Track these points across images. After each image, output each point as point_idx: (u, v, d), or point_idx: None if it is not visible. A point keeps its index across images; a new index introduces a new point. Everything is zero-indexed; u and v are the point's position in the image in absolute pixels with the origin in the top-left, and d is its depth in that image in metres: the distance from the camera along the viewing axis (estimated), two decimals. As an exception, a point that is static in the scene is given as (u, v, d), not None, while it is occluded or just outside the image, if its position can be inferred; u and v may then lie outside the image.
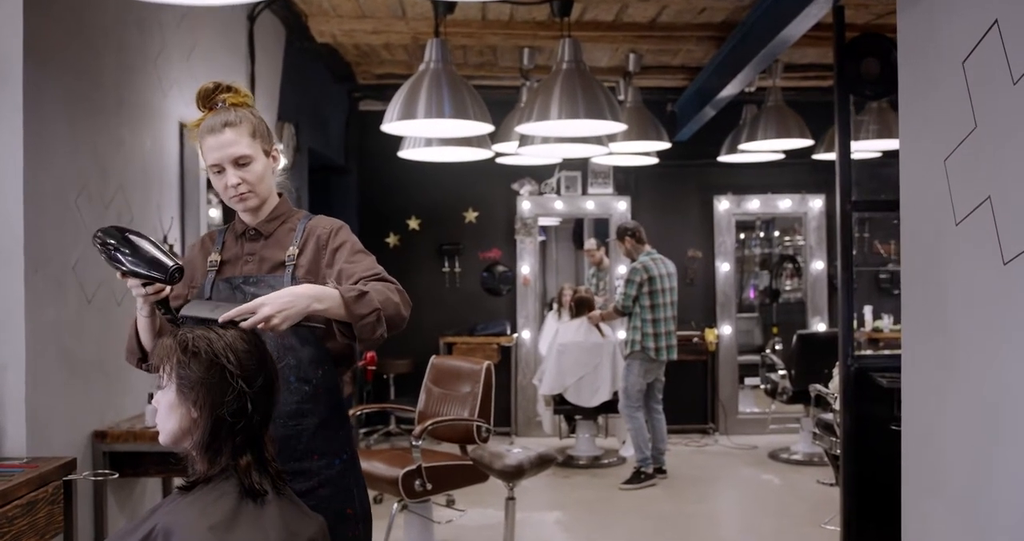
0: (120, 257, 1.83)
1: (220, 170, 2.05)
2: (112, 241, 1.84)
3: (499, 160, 6.34)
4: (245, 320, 1.74)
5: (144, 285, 1.88)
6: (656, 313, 6.07)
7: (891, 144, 5.85)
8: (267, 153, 2.10)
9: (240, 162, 2.04)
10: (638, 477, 5.98)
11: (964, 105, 2.10)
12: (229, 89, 2.09)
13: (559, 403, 6.60)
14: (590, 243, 7.80)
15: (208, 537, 1.57)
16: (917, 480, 2.49)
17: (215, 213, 4.60)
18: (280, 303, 1.76)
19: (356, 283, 1.95)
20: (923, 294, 2.42)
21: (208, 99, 2.08)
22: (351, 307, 1.83)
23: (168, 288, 1.91)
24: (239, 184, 2.04)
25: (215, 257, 2.14)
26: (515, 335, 7.64)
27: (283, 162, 2.19)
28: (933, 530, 2.36)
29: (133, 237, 1.85)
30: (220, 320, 1.73)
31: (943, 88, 2.22)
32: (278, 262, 2.09)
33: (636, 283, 6.08)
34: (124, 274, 1.86)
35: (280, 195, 2.18)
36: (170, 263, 1.83)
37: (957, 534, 2.19)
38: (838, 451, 3.94)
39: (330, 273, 2.05)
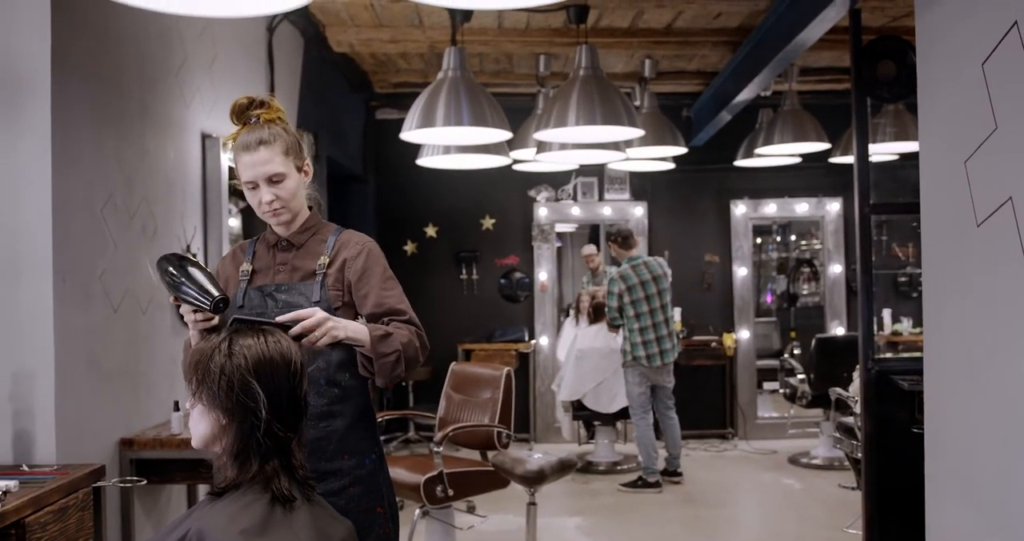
0: (173, 282, 1.93)
1: (255, 186, 2.12)
2: (169, 268, 1.94)
3: (516, 167, 6.36)
4: (294, 325, 1.83)
5: (194, 312, 1.96)
6: (642, 321, 6.02)
7: (908, 146, 5.85)
8: (299, 169, 2.17)
9: (274, 180, 2.10)
10: (635, 483, 5.99)
11: (984, 106, 2.10)
12: (263, 104, 2.15)
13: (578, 409, 6.60)
14: (589, 248, 7.69)
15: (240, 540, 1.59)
16: (940, 482, 2.48)
17: (235, 222, 4.65)
18: (332, 319, 1.89)
19: (386, 315, 2.09)
20: (945, 295, 2.42)
21: (242, 115, 2.14)
22: (376, 345, 1.98)
23: (216, 318, 1.97)
24: (273, 201, 2.11)
25: (247, 267, 2.20)
26: (533, 341, 7.65)
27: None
28: (957, 533, 2.36)
29: (189, 267, 1.94)
30: (278, 319, 1.82)
31: (963, 89, 2.23)
32: (309, 271, 2.15)
33: (615, 294, 6.08)
34: (176, 299, 1.95)
35: (310, 208, 2.24)
36: (216, 293, 1.91)
37: (981, 536, 2.19)
38: (859, 455, 3.93)
39: (359, 289, 2.12)
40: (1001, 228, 2.04)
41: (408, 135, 4.19)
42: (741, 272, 7.78)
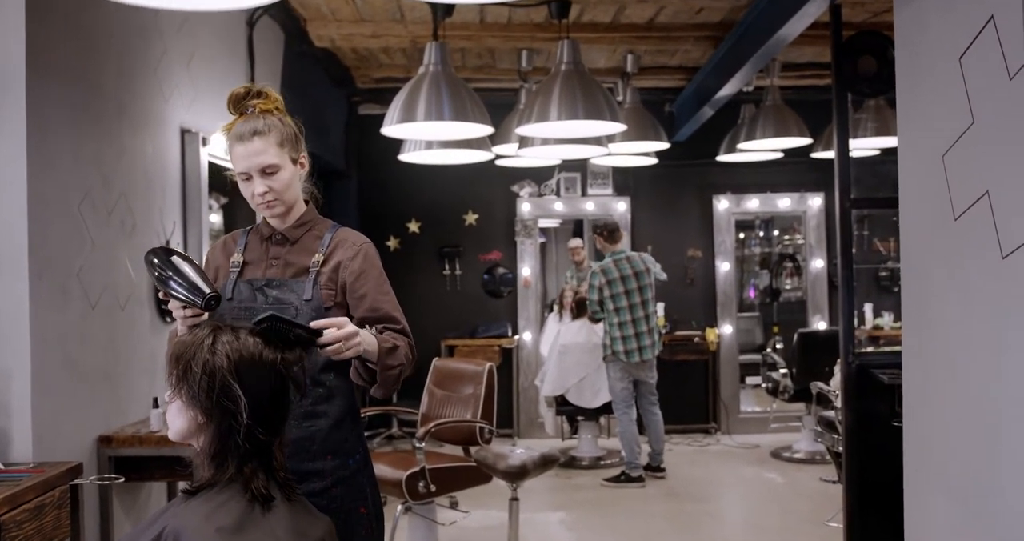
0: (162, 278, 1.90)
1: (248, 178, 2.07)
2: (158, 262, 1.91)
3: (498, 162, 6.35)
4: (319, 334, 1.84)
5: (184, 307, 1.93)
6: (621, 316, 6.03)
7: (889, 142, 5.87)
8: (294, 161, 2.11)
9: (267, 171, 2.05)
10: (618, 478, 6.01)
11: (961, 100, 2.11)
12: (259, 94, 2.10)
13: (561, 404, 6.61)
14: (575, 241, 7.67)
15: (216, 539, 1.57)
16: (918, 475, 2.50)
17: (216, 218, 4.61)
18: (360, 333, 1.92)
19: (380, 321, 2.08)
20: (922, 289, 2.43)
21: (239, 104, 2.09)
22: (383, 357, 1.98)
23: (205, 314, 1.94)
24: (266, 192, 2.06)
25: (237, 258, 2.16)
26: (516, 337, 7.65)
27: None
28: (935, 525, 2.37)
29: (178, 260, 1.91)
30: (312, 324, 1.84)
31: (940, 84, 2.24)
32: (303, 267, 2.11)
33: (596, 288, 6.09)
34: (166, 294, 1.92)
35: (307, 202, 2.20)
36: (208, 291, 1.88)
37: (959, 528, 2.20)
38: (840, 448, 3.95)
39: (355, 291, 2.09)
40: (978, 221, 2.05)
41: (389, 130, 4.18)
42: (724, 267, 7.80)
